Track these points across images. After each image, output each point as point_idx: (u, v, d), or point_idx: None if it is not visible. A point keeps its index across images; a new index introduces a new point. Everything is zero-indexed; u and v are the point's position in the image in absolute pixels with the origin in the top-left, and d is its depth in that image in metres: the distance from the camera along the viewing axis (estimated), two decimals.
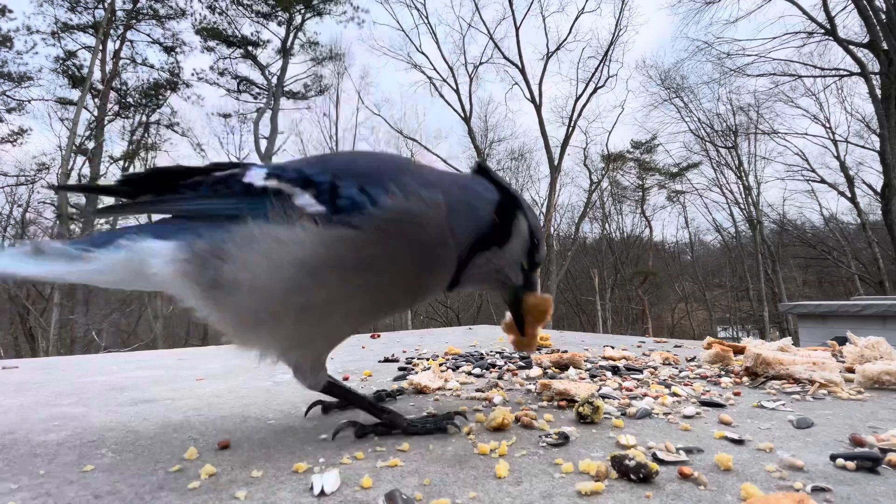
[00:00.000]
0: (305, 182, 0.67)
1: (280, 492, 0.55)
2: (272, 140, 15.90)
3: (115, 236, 0.70)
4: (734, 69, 16.12)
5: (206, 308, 0.70)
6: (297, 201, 0.66)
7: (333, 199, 0.66)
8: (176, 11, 15.67)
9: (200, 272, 0.66)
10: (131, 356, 2.03)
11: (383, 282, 0.69)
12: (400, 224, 0.67)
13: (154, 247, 0.68)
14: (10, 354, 11.96)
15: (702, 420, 0.81)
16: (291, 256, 0.64)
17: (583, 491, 0.53)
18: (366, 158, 0.76)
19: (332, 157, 0.76)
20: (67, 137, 12.17)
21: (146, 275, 0.69)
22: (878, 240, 14.45)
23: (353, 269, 0.66)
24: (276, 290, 0.65)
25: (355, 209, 0.65)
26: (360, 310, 0.72)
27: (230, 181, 0.71)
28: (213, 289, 0.67)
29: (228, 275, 0.65)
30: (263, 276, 0.64)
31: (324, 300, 0.67)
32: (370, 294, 0.70)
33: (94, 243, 0.71)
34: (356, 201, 0.65)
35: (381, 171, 0.70)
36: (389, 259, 0.68)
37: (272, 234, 0.64)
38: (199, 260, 0.66)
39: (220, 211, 0.69)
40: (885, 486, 0.53)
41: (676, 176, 20.94)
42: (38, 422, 0.89)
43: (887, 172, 11.47)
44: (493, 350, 1.66)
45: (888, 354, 1.14)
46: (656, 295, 21.92)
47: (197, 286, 0.67)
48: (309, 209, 0.65)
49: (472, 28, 18.13)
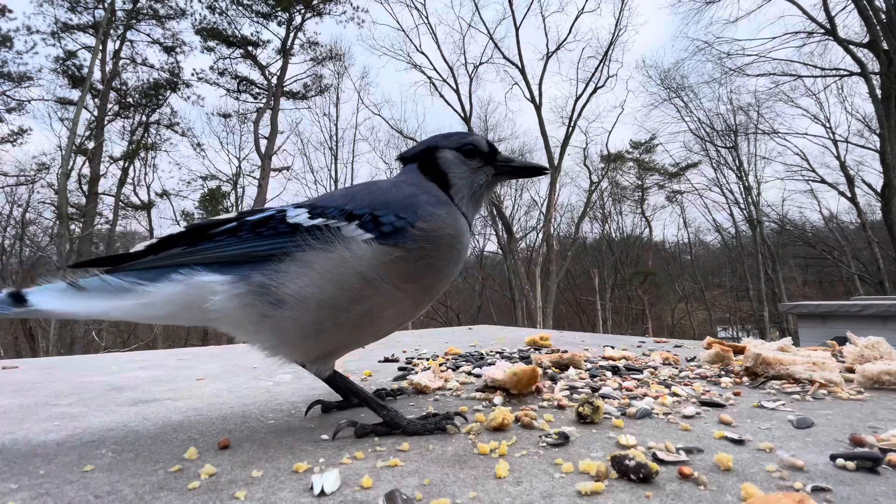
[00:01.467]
0: (349, 216, 0.77)
1: (280, 492, 0.55)
2: (272, 140, 15.88)
3: (168, 271, 0.73)
4: (734, 69, 16.14)
5: (263, 329, 0.75)
6: (344, 232, 0.75)
7: (378, 226, 0.76)
8: (176, 11, 15.69)
9: (262, 297, 0.72)
10: (131, 356, 2.03)
11: (426, 284, 0.81)
12: (433, 240, 0.79)
13: (212, 280, 0.72)
14: (10, 354, 11.96)
15: (702, 420, 0.81)
16: (355, 271, 0.73)
17: (583, 491, 0.53)
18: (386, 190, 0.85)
19: (355, 194, 0.84)
20: (67, 137, 12.18)
21: (202, 309, 0.72)
22: (878, 240, 14.46)
23: (403, 278, 0.77)
24: (342, 300, 0.74)
25: (399, 232, 0.77)
26: (404, 311, 0.82)
27: (270, 223, 0.77)
28: (276, 307, 0.72)
29: (295, 292, 0.72)
30: (331, 290, 0.73)
31: (380, 305, 0.77)
32: (415, 296, 0.81)
33: (144, 277, 0.72)
34: (396, 226, 0.77)
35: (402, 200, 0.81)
36: (430, 267, 0.80)
37: (334, 255, 0.73)
38: (259, 285, 0.72)
39: (271, 249, 0.74)
40: (885, 486, 0.53)
41: (676, 176, 20.95)
42: (38, 422, 0.89)
43: (887, 172, 11.48)
44: (493, 350, 1.66)
45: (888, 354, 1.14)
46: (656, 295, 21.93)
47: (256, 313, 0.73)
48: (360, 237, 0.75)
49: (472, 28, 18.20)
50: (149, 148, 16.85)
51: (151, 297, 0.71)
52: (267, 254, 0.74)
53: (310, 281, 0.72)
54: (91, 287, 0.71)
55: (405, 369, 1.36)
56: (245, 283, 0.72)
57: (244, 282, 0.72)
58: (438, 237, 0.79)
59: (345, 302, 0.74)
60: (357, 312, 0.75)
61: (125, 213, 16.91)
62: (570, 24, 21.52)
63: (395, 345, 2.00)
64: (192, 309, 0.73)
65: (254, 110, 17.16)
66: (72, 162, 12.98)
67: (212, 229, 0.78)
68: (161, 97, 16.57)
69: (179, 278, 0.72)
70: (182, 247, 0.76)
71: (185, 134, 17.30)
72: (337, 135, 18.87)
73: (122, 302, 0.71)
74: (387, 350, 1.79)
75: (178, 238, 0.78)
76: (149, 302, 0.71)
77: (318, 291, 0.72)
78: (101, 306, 0.71)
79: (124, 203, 16.49)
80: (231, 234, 0.77)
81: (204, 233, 0.78)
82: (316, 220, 0.77)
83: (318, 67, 17.95)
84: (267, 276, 0.72)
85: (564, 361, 1.27)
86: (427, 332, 2.77)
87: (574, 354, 1.29)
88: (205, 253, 0.75)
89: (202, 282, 0.72)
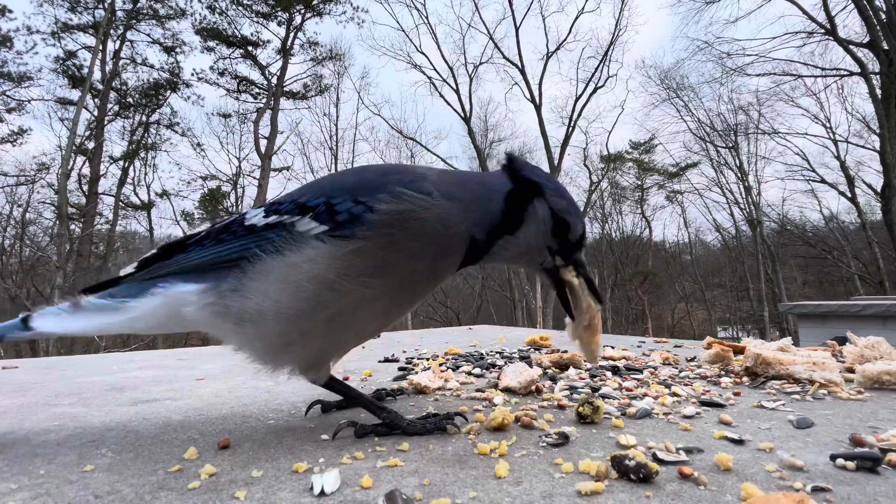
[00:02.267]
0: (302, 208, 0.71)
1: (280, 492, 0.55)
2: (272, 140, 15.88)
3: (148, 286, 0.75)
4: (734, 69, 16.13)
5: (238, 342, 0.75)
6: (298, 227, 0.70)
7: (332, 216, 0.69)
8: (176, 11, 15.69)
9: (227, 310, 0.71)
10: (131, 356, 2.03)
11: (402, 277, 0.72)
12: (401, 223, 0.69)
13: (185, 290, 0.73)
14: (10, 354, 11.96)
15: (702, 420, 0.81)
16: (308, 275, 0.67)
17: (583, 491, 0.53)
18: (352, 174, 0.79)
19: (322, 179, 0.80)
20: (67, 137, 12.16)
21: (181, 317, 0.74)
22: (878, 240, 14.45)
23: (369, 273, 0.69)
24: (301, 309, 0.68)
25: (356, 220, 0.68)
26: (385, 307, 0.75)
27: (232, 227, 0.75)
28: (240, 323, 0.71)
29: (252, 307, 0.69)
30: (286, 300, 0.68)
31: (348, 308, 0.70)
32: (390, 293, 0.73)
33: (129, 294, 0.76)
34: (353, 213, 0.69)
35: (368, 181, 0.73)
36: (401, 256, 0.70)
37: (285, 260, 0.68)
38: (223, 301, 0.71)
39: (230, 254, 0.72)
40: (885, 486, 0.53)
41: (676, 176, 20.95)
42: (38, 422, 0.89)
43: (887, 172, 11.47)
44: (493, 350, 1.66)
45: (888, 354, 1.14)
46: (656, 295, 21.92)
47: (228, 324, 0.72)
48: (312, 231, 0.69)
49: (472, 28, 18.20)
50: (149, 148, 16.85)
51: (137, 311, 0.74)
52: (226, 259, 0.72)
53: (264, 293, 0.68)
54: (87, 308, 0.76)
55: (405, 369, 1.36)
56: (212, 295, 0.72)
57: (212, 293, 0.72)
58: (407, 220, 0.69)
59: (305, 310, 0.68)
60: (323, 319, 0.69)
61: (125, 213, 16.93)
62: (570, 24, 21.54)
63: (395, 345, 2.00)
64: (175, 318, 0.75)
65: (254, 110, 17.17)
66: (72, 162, 12.98)
67: (187, 241, 0.79)
68: (161, 97, 16.58)
69: (159, 291, 0.74)
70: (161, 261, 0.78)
71: (185, 134, 17.30)
72: (337, 135, 18.88)
73: (114, 318, 0.75)
74: (387, 350, 1.79)
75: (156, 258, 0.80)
76: (135, 316, 0.75)
77: (273, 303, 0.68)
78: (96, 324, 0.76)
79: (124, 203, 16.50)
80: (198, 244, 0.77)
81: (182, 245, 0.79)
82: (269, 217, 0.72)
83: (318, 67, 17.97)
84: (227, 291, 0.70)
85: (564, 361, 1.27)
86: (427, 332, 2.77)
87: (574, 354, 1.29)
88: (177, 264, 0.76)
89: (178, 292, 0.73)
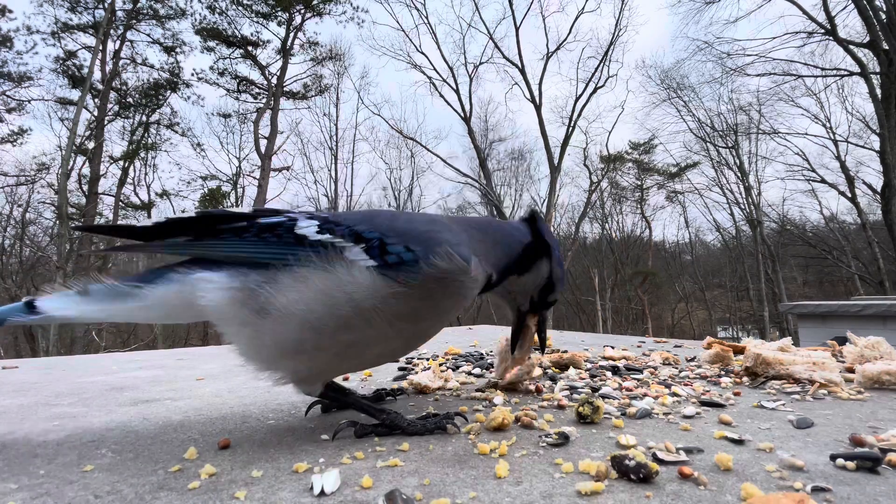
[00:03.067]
0: (356, 238, 0.73)
1: (280, 492, 0.55)
2: (272, 140, 15.88)
3: (166, 271, 0.74)
4: (734, 69, 16.12)
5: (243, 334, 0.73)
6: (347, 254, 0.71)
7: (383, 254, 0.72)
8: (176, 11, 15.68)
9: (250, 299, 0.70)
10: (131, 356, 2.03)
11: (422, 326, 0.78)
12: (442, 281, 0.73)
13: (206, 276, 0.72)
14: (10, 354, 11.96)
15: (702, 420, 0.81)
16: (348, 297, 0.69)
17: (583, 491, 0.53)
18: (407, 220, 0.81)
19: (377, 216, 0.81)
20: (67, 137, 12.16)
21: (195, 305, 0.72)
22: (878, 240, 14.45)
23: (399, 316, 0.72)
24: (328, 325, 0.70)
25: (402, 265, 0.71)
26: (392, 349, 0.80)
27: (277, 230, 0.75)
28: (259, 315, 0.70)
29: (282, 305, 0.69)
30: (319, 311, 0.69)
31: (367, 339, 0.73)
32: (407, 337, 0.78)
33: (143, 280, 0.74)
34: (403, 258, 0.72)
35: (422, 232, 0.76)
36: (430, 308, 0.76)
37: (333, 275, 0.70)
38: (249, 289, 0.70)
39: (271, 257, 0.72)
40: (885, 486, 0.53)
41: (675, 176, 20.95)
42: (38, 422, 0.89)
43: (887, 172, 11.47)
44: (492, 350, 1.66)
45: (888, 354, 1.14)
46: (656, 295, 21.92)
47: (244, 311, 0.71)
48: (361, 262, 0.71)
49: (472, 28, 18.16)
50: (149, 148, 16.83)
51: (149, 298, 0.73)
52: (266, 261, 0.72)
53: (300, 297, 0.69)
54: (95, 293, 0.74)
55: (405, 369, 1.36)
56: (238, 282, 0.71)
57: (237, 280, 0.71)
58: (452, 280, 0.73)
59: (331, 327, 0.70)
60: (342, 341, 0.71)
61: (125, 213, 16.90)
62: (571, 24, 21.53)
63: None
64: (188, 307, 0.74)
65: (254, 110, 17.15)
66: (72, 162, 12.98)
67: (221, 223, 0.77)
68: (161, 97, 16.57)
69: (177, 277, 0.73)
70: (187, 238, 0.77)
71: (185, 134, 17.28)
72: (337, 135, 18.87)
73: (124, 305, 0.73)
74: None
75: (186, 224, 0.78)
76: (147, 304, 0.73)
77: (305, 310, 0.69)
78: (105, 310, 0.74)
79: (124, 203, 16.50)
80: (236, 235, 0.75)
81: (213, 225, 0.77)
82: (323, 235, 0.73)
83: (318, 67, 17.95)
84: (260, 281, 0.70)
85: (564, 361, 1.28)
86: None
87: (574, 354, 1.30)
88: (206, 249, 0.75)
89: (197, 278, 0.72)
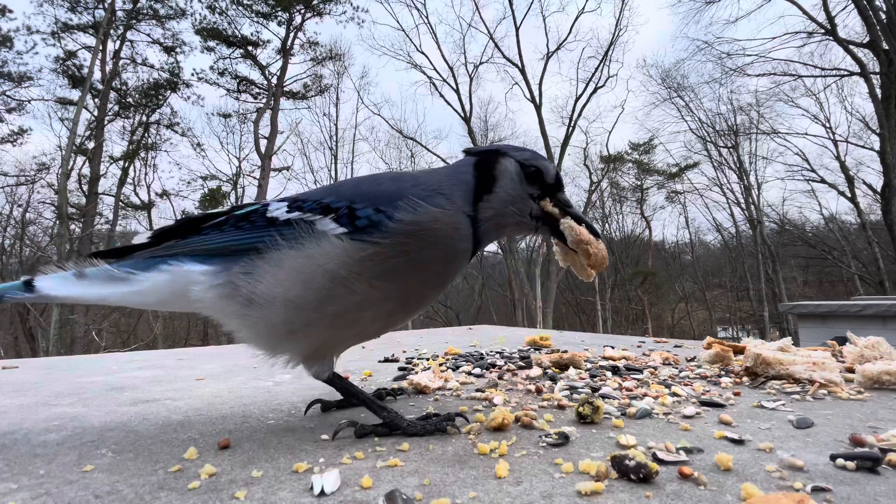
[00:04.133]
0: (325, 209, 0.75)
1: (280, 492, 0.55)
2: (272, 140, 15.88)
3: (157, 261, 0.77)
4: (734, 69, 16.13)
5: (240, 325, 0.76)
6: (319, 226, 0.73)
7: (353, 220, 0.73)
8: (176, 11, 15.68)
9: (236, 292, 0.73)
10: (131, 356, 2.03)
11: (409, 284, 0.76)
12: (416, 234, 0.73)
13: (195, 270, 0.75)
14: (10, 354, 11.95)
15: (702, 420, 0.81)
16: (322, 269, 0.70)
17: (583, 491, 0.53)
18: (370, 182, 0.82)
19: (342, 185, 0.83)
20: (67, 137, 12.17)
21: (186, 296, 0.76)
22: (878, 240, 14.46)
23: (379, 277, 0.72)
24: (309, 300, 0.71)
25: (375, 226, 0.72)
26: (389, 311, 0.78)
27: (251, 217, 0.78)
28: (248, 306, 0.73)
29: (262, 292, 0.72)
30: (297, 289, 0.71)
31: (354, 306, 0.73)
32: (397, 297, 0.77)
33: (137, 267, 0.77)
34: (373, 220, 0.72)
35: (388, 191, 0.77)
36: (411, 265, 0.74)
37: (302, 252, 0.71)
38: (234, 283, 0.73)
39: (248, 243, 0.75)
40: (885, 486, 0.53)
41: (675, 176, 20.95)
42: (38, 422, 0.89)
43: (887, 172, 11.47)
44: (493, 350, 1.66)
45: (888, 354, 1.14)
46: (656, 295, 21.92)
47: (234, 306, 0.74)
48: (332, 232, 0.72)
49: (472, 28, 18.19)
50: (149, 148, 16.84)
51: (143, 284, 0.76)
52: (244, 247, 0.75)
53: (277, 280, 0.71)
54: (91, 276, 0.77)
55: (405, 369, 1.36)
56: (223, 276, 0.74)
57: (223, 274, 0.74)
58: (421, 231, 0.73)
59: (313, 302, 0.71)
60: (328, 313, 0.72)
61: (125, 213, 16.93)
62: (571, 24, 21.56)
63: (395, 345, 2.00)
64: (179, 296, 0.76)
65: (254, 110, 17.16)
66: (72, 162, 12.98)
67: (204, 222, 0.81)
68: (161, 97, 16.57)
69: (167, 268, 0.76)
70: (175, 240, 0.80)
71: (185, 134, 17.29)
72: (337, 135, 18.88)
73: (118, 289, 0.76)
74: (387, 350, 1.79)
75: (172, 231, 0.82)
76: (141, 289, 0.76)
77: (283, 291, 0.71)
78: (99, 293, 0.77)
79: (124, 203, 16.50)
80: (216, 228, 0.79)
81: (196, 226, 0.81)
82: (292, 213, 0.75)
83: (318, 67, 17.96)
84: (240, 274, 0.73)
85: (564, 361, 1.27)
86: (427, 332, 2.77)
87: (574, 354, 1.30)
88: (191, 245, 0.78)
89: (186, 271, 0.75)
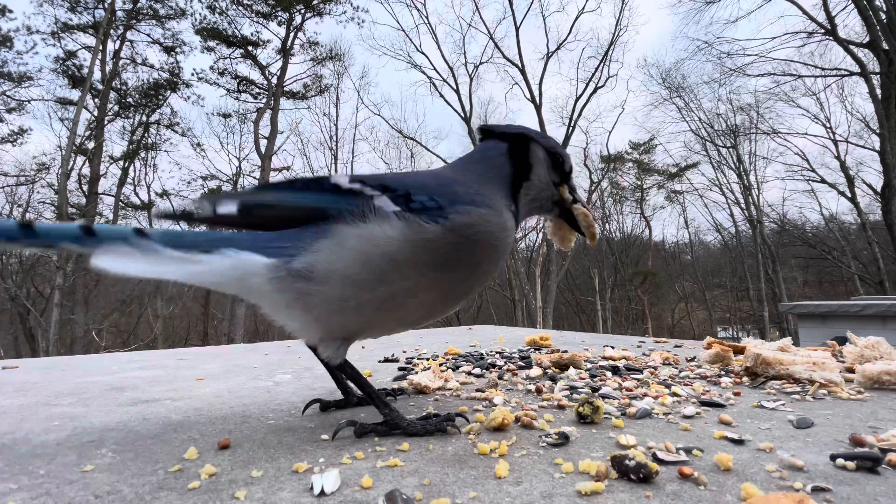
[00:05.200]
0: (384, 188, 0.78)
1: (280, 492, 0.55)
2: (272, 140, 15.87)
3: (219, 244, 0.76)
4: (734, 69, 16.12)
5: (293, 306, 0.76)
6: (376, 202, 0.76)
7: (407, 202, 0.76)
8: (176, 11, 15.68)
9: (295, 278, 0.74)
10: (131, 356, 2.03)
11: (456, 277, 0.80)
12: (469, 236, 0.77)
13: (254, 261, 0.75)
14: (10, 354, 11.96)
15: (702, 420, 0.81)
16: (381, 251, 0.73)
17: (583, 491, 0.53)
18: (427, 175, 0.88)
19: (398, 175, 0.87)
20: (67, 137, 12.17)
21: (246, 285, 0.77)
22: (878, 240, 14.45)
23: (430, 266, 0.76)
24: (366, 279, 0.74)
25: (426, 212, 0.76)
26: (430, 302, 0.81)
27: (320, 181, 0.81)
28: (304, 280, 0.74)
29: (321, 266, 0.74)
30: (356, 268, 0.74)
31: (403, 291, 0.76)
32: (442, 288, 0.80)
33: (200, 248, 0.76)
34: (426, 205, 0.76)
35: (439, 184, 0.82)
36: (462, 260, 0.79)
37: (364, 232, 0.74)
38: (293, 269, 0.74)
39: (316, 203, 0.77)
40: (885, 486, 0.53)
41: (675, 176, 20.95)
42: (38, 422, 0.89)
43: (887, 172, 11.47)
44: (493, 350, 1.66)
45: (888, 354, 1.14)
46: (656, 295, 21.93)
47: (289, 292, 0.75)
48: (386, 208, 0.76)
49: (472, 28, 18.20)
50: (149, 148, 16.84)
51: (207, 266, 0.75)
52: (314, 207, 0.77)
53: (338, 256, 0.74)
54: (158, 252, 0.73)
55: (405, 369, 1.36)
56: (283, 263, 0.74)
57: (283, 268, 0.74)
58: (473, 233, 0.78)
59: (369, 281, 0.74)
60: (380, 294, 0.75)
61: (125, 213, 16.91)
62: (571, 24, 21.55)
63: (395, 345, 2.00)
64: (239, 282, 0.77)
65: (254, 110, 17.15)
66: (72, 162, 12.98)
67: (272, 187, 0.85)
68: (161, 97, 16.56)
69: (230, 254, 0.75)
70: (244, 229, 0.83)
71: (185, 134, 17.29)
72: (337, 135, 18.89)
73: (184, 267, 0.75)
74: (387, 350, 1.79)
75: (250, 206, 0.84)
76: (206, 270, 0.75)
77: (343, 267, 0.74)
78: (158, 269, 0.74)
79: (124, 203, 16.49)
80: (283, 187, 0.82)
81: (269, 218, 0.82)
82: (354, 184, 0.79)
83: (318, 67, 17.96)
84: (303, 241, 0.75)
85: (564, 361, 1.28)
86: (427, 332, 2.77)
87: (574, 354, 1.30)
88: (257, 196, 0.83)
89: (247, 259, 0.75)
